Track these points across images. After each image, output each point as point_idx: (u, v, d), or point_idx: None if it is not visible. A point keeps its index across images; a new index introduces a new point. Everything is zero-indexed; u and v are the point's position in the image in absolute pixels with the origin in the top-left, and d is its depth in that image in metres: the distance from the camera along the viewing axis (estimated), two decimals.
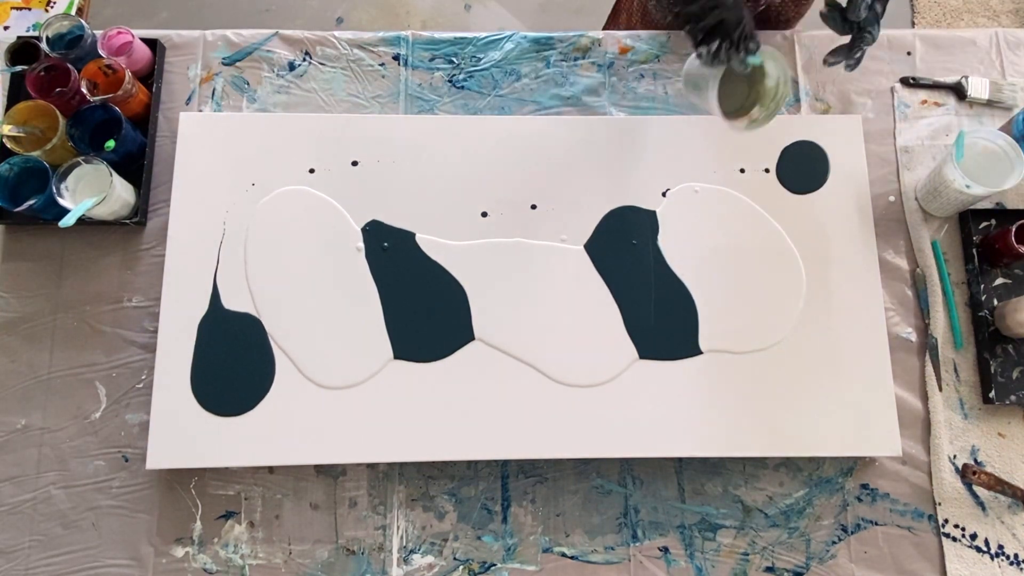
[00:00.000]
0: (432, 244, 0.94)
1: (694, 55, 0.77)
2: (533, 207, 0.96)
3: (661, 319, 0.92)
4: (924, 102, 1.05)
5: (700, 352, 0.91)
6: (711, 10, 0.69)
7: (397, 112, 1.03)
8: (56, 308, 0.94)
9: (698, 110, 1.03)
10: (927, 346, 0.94)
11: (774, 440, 0.88)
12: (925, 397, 0.93)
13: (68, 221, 0.84)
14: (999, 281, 0.97)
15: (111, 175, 0.88)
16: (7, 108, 0.93)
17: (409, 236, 0.94)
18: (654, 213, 0.96)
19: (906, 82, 1.05)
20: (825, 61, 0.84)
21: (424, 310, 0.91)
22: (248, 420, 0.87)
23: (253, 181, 0.96)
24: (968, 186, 0.89)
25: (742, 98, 0.81)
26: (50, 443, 0.89)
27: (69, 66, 0.92)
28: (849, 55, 0.82)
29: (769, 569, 0.88)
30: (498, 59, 1.06)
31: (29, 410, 0.90)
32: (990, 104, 1.04)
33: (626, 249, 0.94)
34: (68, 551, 0.87)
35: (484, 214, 0.96)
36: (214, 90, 1.03)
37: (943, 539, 0.88)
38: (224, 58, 1.04)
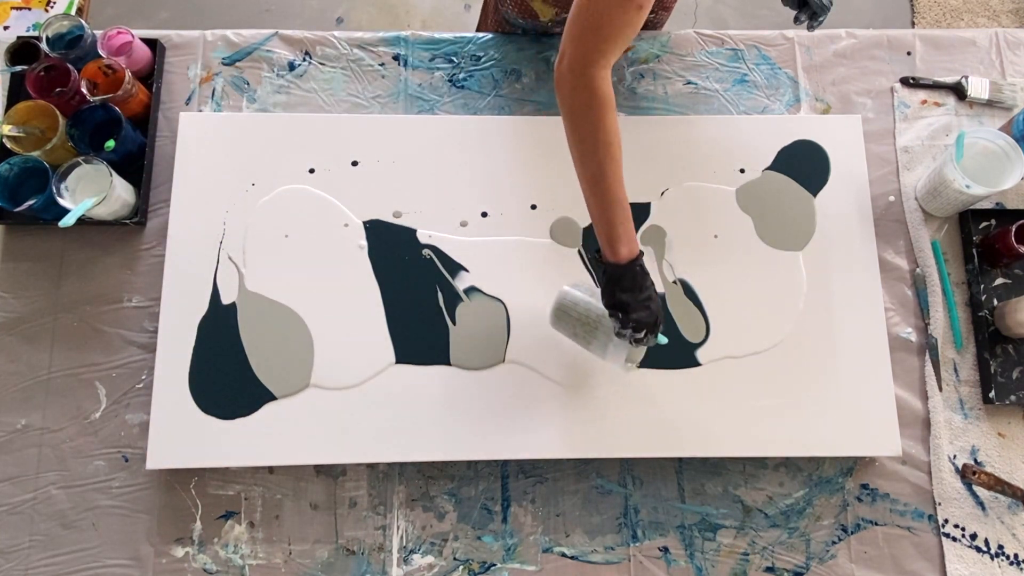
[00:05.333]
0: (433, 243, 0.94)
1: (571, 289, 0.84)
2: (533, 207, 0.96)
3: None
4: (924, 102, 1.05)
5: (699, 364, 0.90)
6: (643, 305, 0.76)
7: (397, 112, 1.03)
8: (56, 308, 0.94)
9: (698, 110, 1.04)
10: (927, 346, 0.94)
11: (774, 440, 0.88)
12: (925, 397, 0.93)
13: (68, 221, 0.84)
14: (999, 281, 0.97)
15: (111, 175, 0.88)
16: (7, 108, 0.93)
17: (410, 233, 0.94)
18: (648, 205, 0.96)
19: (906, 82, 1.05)
20: (796, 19, 0.92)
21: (425, 311, 0.91)
22: (248, 421, 0.87)
23: (253, 181, 0.96)
24: (968, 186, 0.89)
25: (574, 327, 0.84)
26: (50, 443, 0.89)
27: (69, 66, 0.92)
28: (811, 22, 0.91)
29: (769, 569, 0.88)
30: (498, 59, 1.06)
31: (29, 410, 0.90)
32: (990, 104, 1.04)
33: None
34: (68, 551, 0.87)
35: (484, 214, 0.96)
36: (214, 90, 1.03)
37: (943, 539, 0.88)
38: (224, 58, 1.04)
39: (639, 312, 0.76)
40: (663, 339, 0.81)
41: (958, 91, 1.05)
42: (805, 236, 0.96)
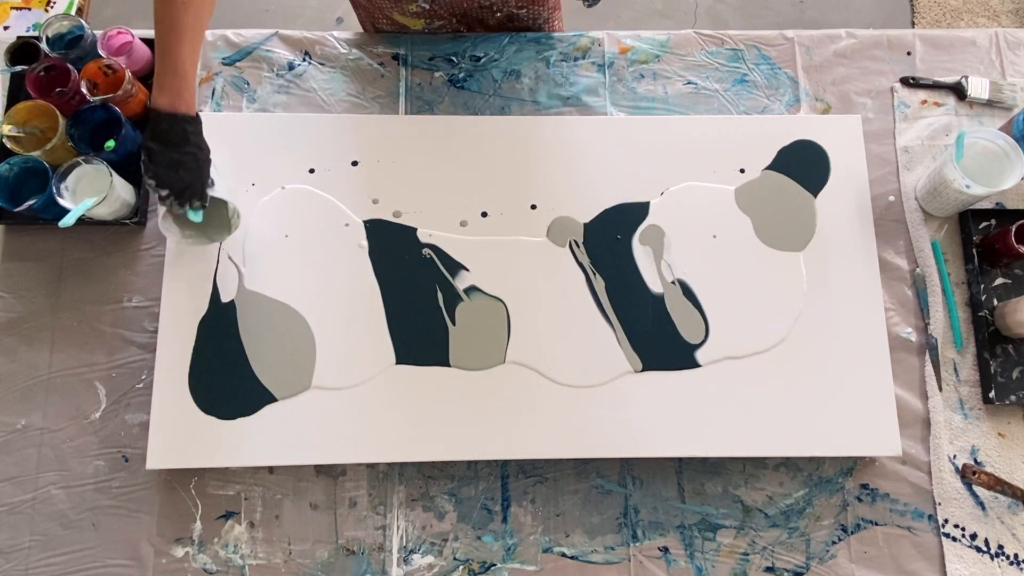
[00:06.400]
0: (433, 241, 0.94)
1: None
2: (533, 207, 0.96)
3: (659, 328, 0.92)
4: (924, 102, 1.05)
5: (698, 365, 0.90)
6: (172, 167, 0.78)
7: (397, 112, 1.03)
8: (56, 308, 0.94)
9: (698, 110, 1.04)
10: (927, 346, 0.94)
11: (774, 440, 0.88)
12: (925, 397, 0.93)
13: (68, 221, 0.84)
14: (999, 281, 0.97)
15: (111, 175, 0.88)
16: (7, 108, 0.93)
17: (410, 232, 0.94)
18: (647, 205, 0.96)
19: (906, 82, 1.05)
20: None
21: (426, 312, 0.91)
22: (248, 421, 0.87)
23: (253, 181, 0.96)
24: (968, 186, 0.89)
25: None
26: (50, 443, 0.89)
27: (69, 66, 0.92)
28: None
29: (769, 569, 0.88)
30: (498, 59, 1.06)
31: (29, 410, 0.90)
32: (990, 104, 1.04)
33: (614, 246, 0.95)
34: (68, 551, 0.87)
35: (484, 214, 0.96)
36: (214, 90, 1.03)
37: (943, 539, 0.88)
38: (224, 58, 1.04)
39: (164, 173, 0.77)
40: (194, 215, 0.82)
41: (958, 91, 1.05)
42: (805, 236, 0.96)
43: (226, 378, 0.88)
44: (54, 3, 1.54)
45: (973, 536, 0.89)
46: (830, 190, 0.97)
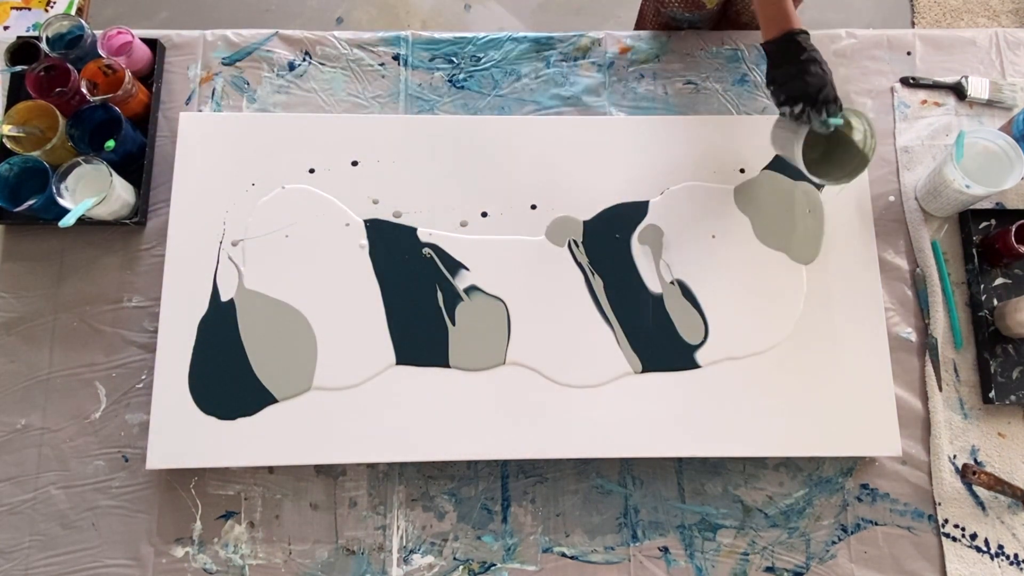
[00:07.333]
0: (433, 240, 0.94)
1: (779, 116, 0.86)
2: (533, 207, 0.96)
3: (659, 329, 0.92)
4: (924, 102, 1.05)
5: (698, 366, 0.90)
6: (795, 76, 0.79)
7: (397, 112, 1.03)
8: (56, 308, 0.94)
9: (698, 110, 1.04)
10: (927, 346, 0.94)
11: (774, 440, 0.88)
12: (925, 397, 0.93)
13: (68, 221, 0.84)
14: (999, 281, 0.97)
15: (111, 175, 0.88)
16: (7, 108, 0.93)
17: (411, 232, 0.94)
18: (646, 204, 0.96)
19: (906, 82, 1.05)
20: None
21: (426, 312, 0.91)
22: (248, 421, 0.87)
23: (253, 181, 0.96)
24: (968, 186, 0.89)
25: (821, 152, 0.88)
26: (50, 443, 0.89)
27: (69, 66, 0.92)
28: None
29: (769, 569, 0.88)
30: (498, 59, 1.06)
31: (29, 410, 0.90)
32: (990, 104, 1.04)
33: (612, 245, 0.95)
34: (68, 551, 0.87)
35: (484, 214, 0.96)
36: (214, 90, 1.03)
37: (943, 539, 0.88)
38: (224, 58, 1.04)
39: (789, 83, 0.79)
40: (836, 120, 0.79)
41: (958, 91, 1.05)
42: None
43: (226, 378, 0.88)
44: (54, 3, 1.54)
45: (973, 536, 0.89)
46: (830, 190, 0.97)
